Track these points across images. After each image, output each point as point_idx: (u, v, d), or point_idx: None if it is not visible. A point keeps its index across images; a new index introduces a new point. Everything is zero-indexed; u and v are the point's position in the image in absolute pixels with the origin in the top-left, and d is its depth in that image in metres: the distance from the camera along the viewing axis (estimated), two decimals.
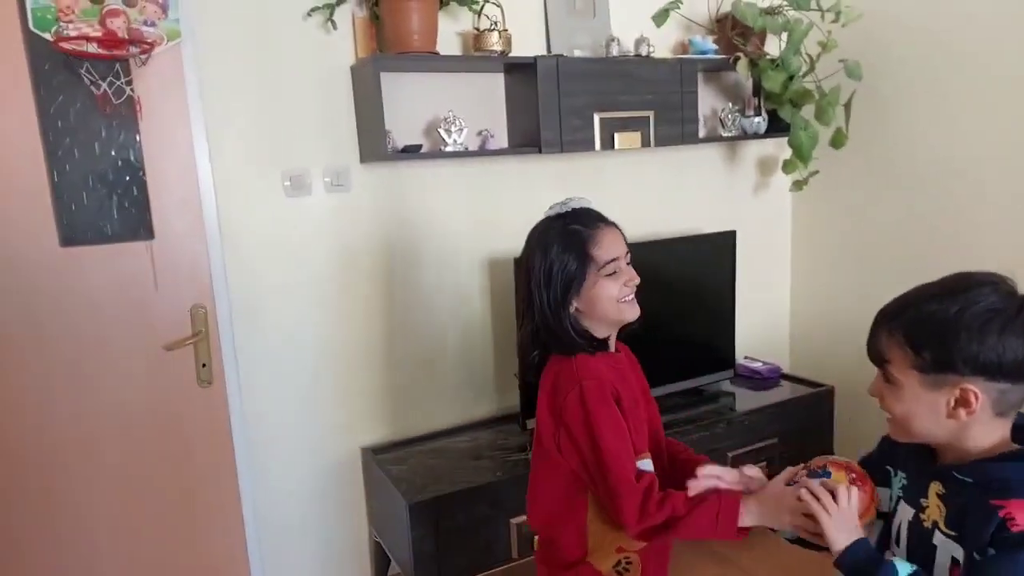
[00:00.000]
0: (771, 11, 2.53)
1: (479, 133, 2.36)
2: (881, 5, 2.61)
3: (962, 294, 0.92)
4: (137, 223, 1.99)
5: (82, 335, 1.96)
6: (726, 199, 2.96)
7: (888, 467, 1.12)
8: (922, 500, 1.01)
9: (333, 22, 2.11)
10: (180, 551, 2.15)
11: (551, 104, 2.26)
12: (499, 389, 2.57)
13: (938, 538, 0.96)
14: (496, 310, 2.52)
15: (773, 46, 2.68)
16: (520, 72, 2.31)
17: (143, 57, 1.88)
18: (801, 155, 2.62)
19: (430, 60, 2.13)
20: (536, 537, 1.49)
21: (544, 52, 2.46)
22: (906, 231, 2.66)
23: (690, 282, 2.67)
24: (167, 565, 2.14)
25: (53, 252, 1.91)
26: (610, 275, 1.28)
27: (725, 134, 2.75)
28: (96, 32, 1.83)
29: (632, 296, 1.31)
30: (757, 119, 2.75)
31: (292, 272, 2.23)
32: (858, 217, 2.84)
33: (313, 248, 2.24)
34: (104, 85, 1.86)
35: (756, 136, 2.78)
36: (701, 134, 2.69)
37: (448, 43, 2.31)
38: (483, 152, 2.29)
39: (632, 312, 1.31)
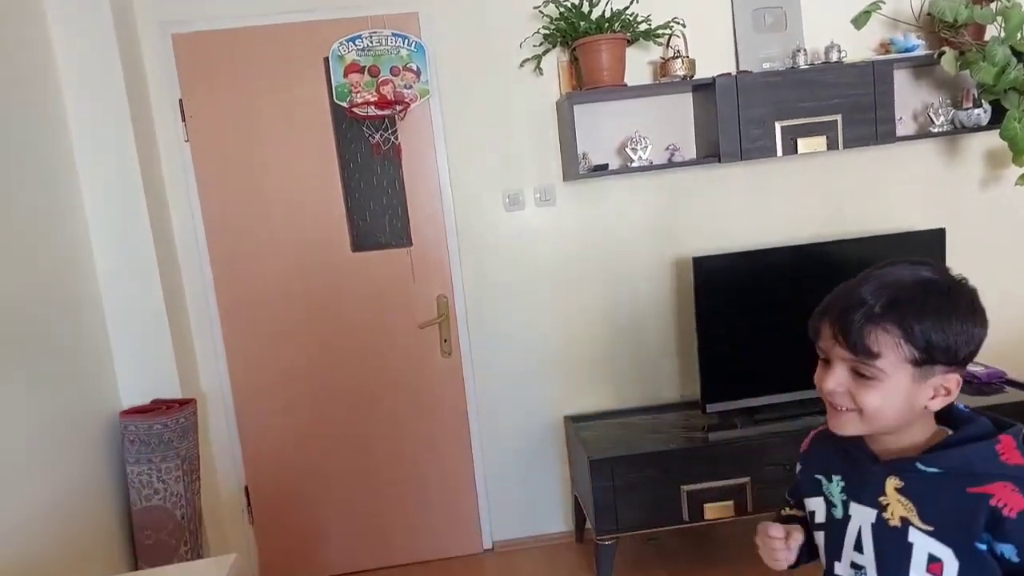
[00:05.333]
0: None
1: (667, 148, 2.68)
2: None
3: (936, 285, 0.92)
4: (401, 234, 2.72)
5: (366, 316, 2.74)
6: (946, 195, 2.84)
7: (818, 476, 1.06)
8: (880, 499, 0.95)
9: (540, 68, 2.62)
10: (428, 479, 2.85)
11: (730, 117, 2.49)
12: (684, 376, 2.85)
13: (914, 535, 0.92)
14: (681, 306, 2.80)
15: (994, 34, 2.54)
16: (704, 91, 2.58)
17: (403, 113, 2.57)
18: (1016, 147, 2.46)
19: (615, 92, 2.52)
20: None
21: (733, 69, 2.68)
22: None
23: None
24: (420, 488, 2.85)
25: (347, 256, 2.71)
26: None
27: (934, 130, 2.67)
28: (374, 97, 2.56)
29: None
30: (976, 111, 2.62)
31: (512, 270, 2.78)
32: None
33: (527, 251, 2.77)
34: (377, 136, 2.59)
35: (977, 129, 2.65)
36: (902, 132, 2.66)
37: (641, 72, 2.67)
38: (666, 165, 2.61)
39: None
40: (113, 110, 2.29)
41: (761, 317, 2.63)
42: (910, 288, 0.91)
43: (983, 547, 0.88)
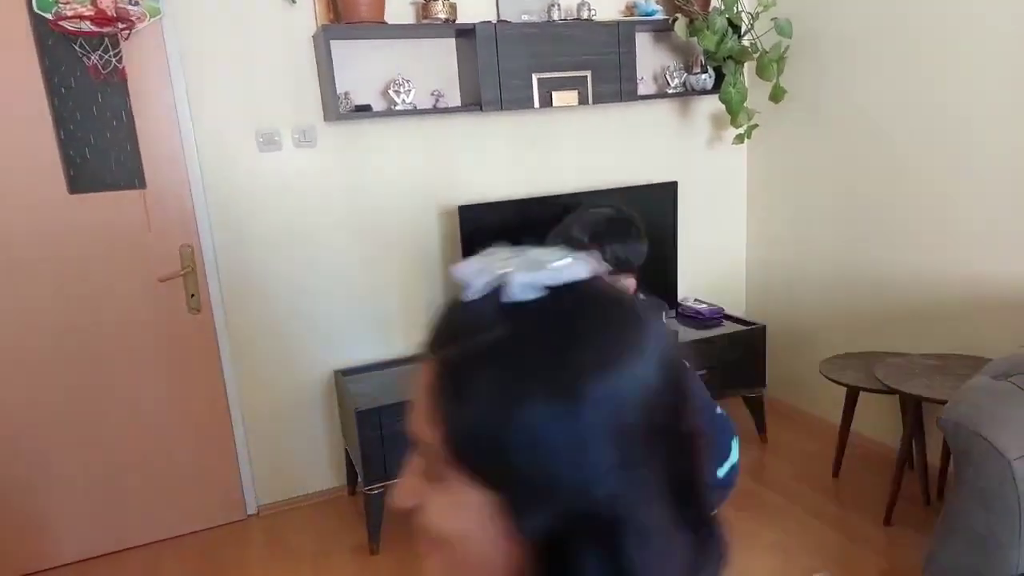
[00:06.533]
0: None
1: (432, 93, 2.64)
2: None
3: (617, 220, 1.41)
4: (131, 174, 2.37)
5: (90, 268, 2.37)
6: (679, 151, 3.16)
7: None
8: None
9: None
10: (177, 447, 2.59)
11: (490, 66, 2.51)
12: None
13: None
14: (447, 254, 2.82)
15: (716, 6, 2.85)
16: (467, 37, 2.57)
17: (127, 33, 2.22)
18: (731, 110, 2.81)
19: (375, 29, 2.42)
20: None
21: (494, 18, 2.70)
22: (845, 178, 2.83)
23: None
24: (167, 458, 2.58)
25: (63, 198, 2.31)
26: None
27: (670, 91, 2.94)
28: (89, 12, 2.17)
29: None
30: (704, 76, 2.94)
31: (270, 217, 2.58)
32: (802, 167, 3.02)
33: (286, 196, 2.58)
34: (94, 57, 2.22)
35: (704, 92, 2.97)
36: (643, 91, 2.90)
37: (403, 12, 2.58)
38: (430, 111, 2.57)
39: None
40: None
41: None
42: (602, 222, 1.36)
43: None
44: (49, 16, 2.15)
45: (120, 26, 2.21)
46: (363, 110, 2.50)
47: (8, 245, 2.27)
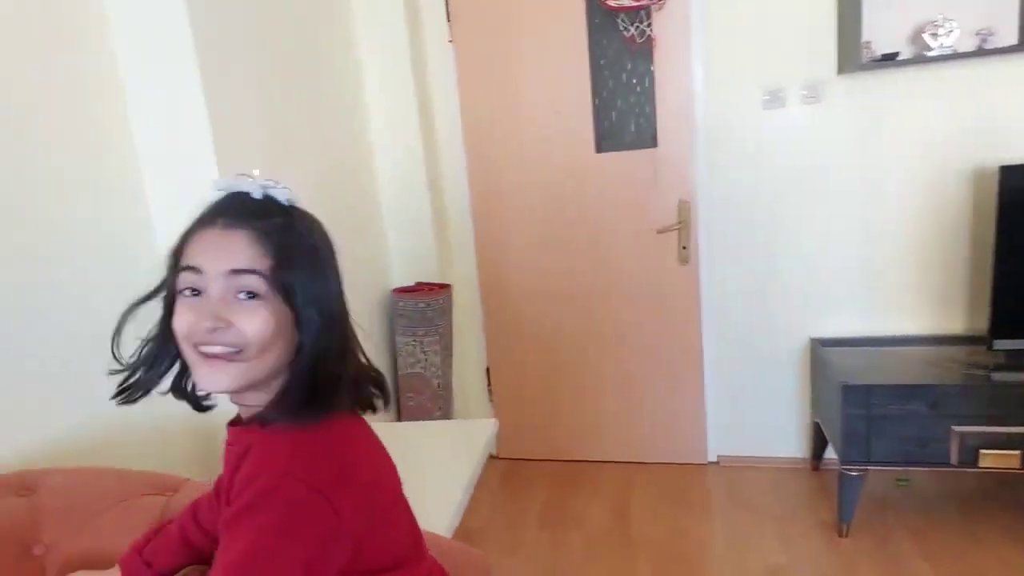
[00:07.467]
0: None
1: (977, 33, 2.24)
2: None
3: None
4: (646, 135, 2.62)
5: (605, 217, 2.73)
6: None
7: None
8: None
9: None
10: (654, 383, 2.84)
11: None
12: (968, 308, 2.48)
13: None
14: (977, 225, 2.40)
15: None
16: None
17: (660, 4, 2.42)
18: None
19: None
20: None
21: None
22: None
23: None
24: (645, 391, 2.86)
25: (591, 156, 2.68)
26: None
27: None
28: None
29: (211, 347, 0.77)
30: None
31: (763, 176, 2.57)
32: None
33: (784, 154, 2.53)
34: (632, 29, 2.48)
35: None
36: None
37: None
38: (972, 54, 2.18)
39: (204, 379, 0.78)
40: (390, 16, 2.53)
41: None
42: None
43: None
44: None
45: None
46: (888, 59, 2.26)
47: (548, 194, 2.76)
